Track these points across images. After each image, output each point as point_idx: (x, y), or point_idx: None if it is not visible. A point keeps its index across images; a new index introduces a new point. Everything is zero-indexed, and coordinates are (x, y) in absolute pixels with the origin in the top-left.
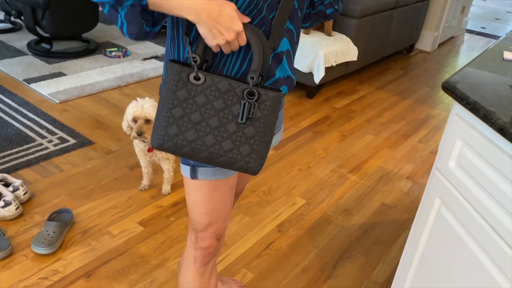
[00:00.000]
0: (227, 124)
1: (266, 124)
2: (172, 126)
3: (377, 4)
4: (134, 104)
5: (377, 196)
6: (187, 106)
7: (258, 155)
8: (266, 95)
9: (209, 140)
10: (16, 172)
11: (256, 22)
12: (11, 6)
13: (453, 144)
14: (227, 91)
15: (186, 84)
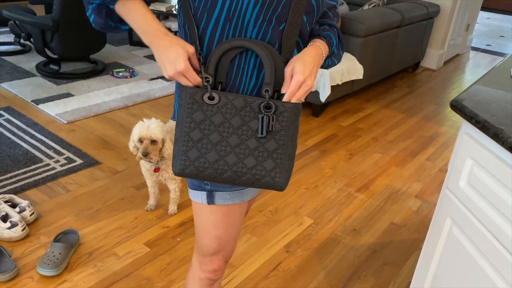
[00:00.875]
0: (247, 140)
1: (287, 136)
2: (192, 150)
3: (381, 23)
4: (140, 125)
5: (386, 215)
6: (205, 127)
7: (283, 169)
8: (283, 106)
9: (231, 159)
10: (23, 193)
11: (270, 35)
12: (21, 29)
13: (463, 163)
14: (243, 107)
15: (201, 105)
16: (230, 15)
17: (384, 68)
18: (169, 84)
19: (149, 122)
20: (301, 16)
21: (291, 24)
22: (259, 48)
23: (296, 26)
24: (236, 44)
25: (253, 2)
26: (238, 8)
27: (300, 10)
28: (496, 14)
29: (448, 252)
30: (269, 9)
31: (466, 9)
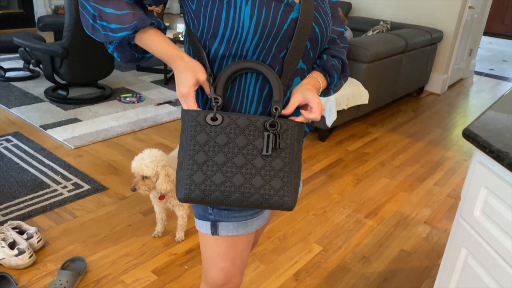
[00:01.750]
0: (253, 159)
1: (292, 154)
2: (197, 173)
3: (386, 49)
4: (138, 158)
5: (395, 242)
6: (209, 149)
7: (291, 187)
8: (286, 124)
9: (238, 180)
10: (31, 219)
11: (269, 62)
12: (31, 56)
13: (477, 193)
14: (247, 126)
15: (205, 127)
16: (230, 44)
17: (389, 92)
18: (175, 109)
19: (146, 156)
20: (304, 42)
21: (294, 49)
22: (266, 69)
23: (298, 51)
24: (244, 65)
25: (252, 31)
26: (237, 38)
27: (304, 36)
28: (498, 39)
29: (464, 283)
30: (268, 38)
31: (469, 34)
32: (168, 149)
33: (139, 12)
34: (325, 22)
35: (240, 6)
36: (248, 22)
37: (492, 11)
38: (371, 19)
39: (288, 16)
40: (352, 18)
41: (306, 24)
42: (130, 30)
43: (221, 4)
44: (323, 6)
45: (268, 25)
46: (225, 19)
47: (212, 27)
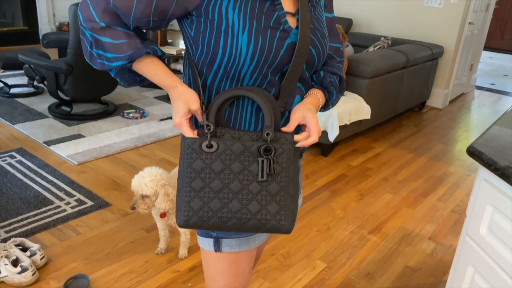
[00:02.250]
0: (249, 185)
1: (288, 177)
2: (194, 200)
3: (387, 64)
4: (138, 176)
5: (400, 259)
6: (205, 175)
7: (287, 211)
8: (281, 148)
9: (234, 206)
10: (34, 236)
11: (265, 86)
12: (35, 72)
13: (483, 210)
14: (242, 152)
15: (200, 154)
16: (227, 69)
17: (391, 108)
18: None
19: (145, 175)
20: (301, 66)
21: (291, 73)
22: (256, 96)
23: (296, 75)
24: (235, 93)
25: (250, 58)
26: (235, 64)
27: (301, 60)
28: (498, 53)
29: None
30: (265, 64)
31: (469, 49)
32: (171, 164)
33: (135, 41)
34: (322, 45)
35: (238, 35)
36: (246, 50)
37: (492, 26)
38: (372, 35)
39: (284, 42)
40: (353, 34)
41: (304, 48)
42: (125, 60)
43: (218, 32)
44: (320, 28)
45: (265, 52)
46: (223, 47)
47: (210, 54)
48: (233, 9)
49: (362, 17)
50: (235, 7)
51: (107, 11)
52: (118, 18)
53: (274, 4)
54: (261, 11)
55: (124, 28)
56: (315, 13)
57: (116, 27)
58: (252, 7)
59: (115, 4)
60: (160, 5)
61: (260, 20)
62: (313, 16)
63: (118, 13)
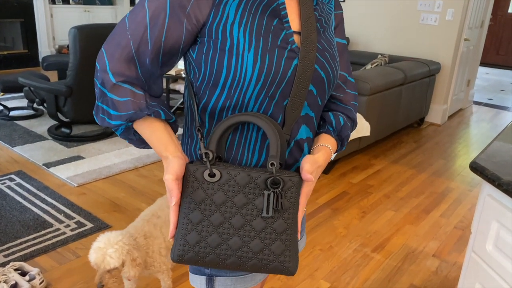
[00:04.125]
0: (253, 221)
1: (296, 213)
2: (191, 233)
3: (385, 81)
4: (96, 248)
5: (404, 277)
6: (205, 207)
7: (293, 251)
8: (291, 181)
9: (235, 243)
10: (33, 259)
11: (272, 111)
12: (35, 95)
13: (488, 226)
14: (247, 183)
15: (202, 183)
16: (231, 92)
17: (390, 124)
18: None
19: (106, 245)
20: (306, 89)
21: (295, 96)
22: (263, 122)
23: (300, 98)
24: (240, 119)
25: (255, 79)
26: (239, 86)
27: (305, 82)
28: (494, 69)
29: None
30: (272, 86)
31: (466, 65)
32: None
33: (140, 101)
34: (331, 66)
35: (243, 54)
36: (251, 70)
37: (487, 42)
38: (369, 53)
39: (292, 63)
40: (350, 52)
41: (307, 69)
42: (124, 119)
43: (222, 52)
44: (330, 50)
45: (272, 72)
46: (227, 67)
47: (214, 75)
48: (239, 27)
49: (359, 35)
50: (240, 24)
51: (122, 59)
52: (131, 69)
53: (282, 22)
54: (268, 30)
55: (133, 85)
56: (325, 35)
57: (125, 85)
58: (258, 25)
59: (134, 46)
60: (171, 36)
61: (267, 39)
62: (322, 37)
63: (135, 58)
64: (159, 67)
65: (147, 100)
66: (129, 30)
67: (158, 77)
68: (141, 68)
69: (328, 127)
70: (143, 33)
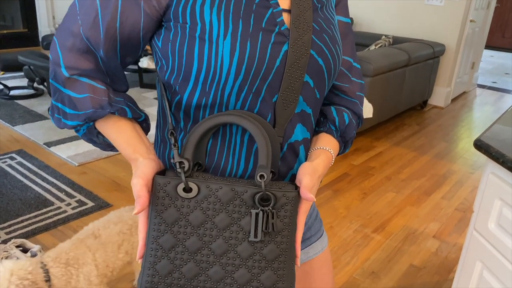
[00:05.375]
0: (238, 246)
1: (291, 237)
2: (162, 261)
3: (389, 63)
4: None
5: (404, 257)
6: (179, 230)
7: (287, 283)
8: (285, 197)
9: (216, 273)
10: (34, 237)
11: (258, 109)
12: (35, 74)
13: (491, 204)
14: (230, 200)
15: (175, 200)
16: (206, 88)
17: (392, 106)
18: None
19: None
20: (300, 80)
21: (287, 90)
22: (249, 123)
23: (293, 92)
24: (220, 121)
25: (234, 71)
26: (215, 81)
27: (299, 73)
28: (499, 52)
29: None
30: (255, 79)
31: (471, 47)
32: None
33: (101, 98)
34: (332, 51)
35: (217, 41)
36: (229, 60)
37: (493, 25)
38: (373, 34)
39: (281, 49)
40: (354, 32)
41: (301, 56)
42: (81, 120)
43: (192, 39)
44: (330, 31)
45: (255, 63)
46: (198, 58)
47: (184, 67)
48: (211, 8)
49: (363, 16)
50: (213, 4)
51: (75, 49)
52: (88, 60)
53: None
54: (249, 9)
55: (92, 79)
56: (323, 12)
57: (82, 78)
58: (236, 3)
59: (84, 33)
60: (126, 20)
61: (248, 20)
62: (319, 16)
63: (91, 47)
64: (117, 59)
65: (110, 96)
66: (80, 15)
67: (120, 70)
68: (100, 58)
69: (330, 125)
70: (94, 17)
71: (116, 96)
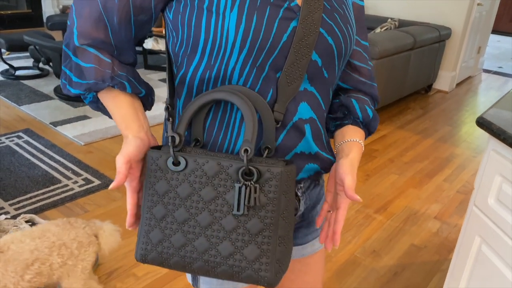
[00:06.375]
0: (222, 219)
1: (276, 211)
2: (154, 230)
3: (394, 45)
4: None
5: (405, 237)
6: (169, 201)
7: (271, 258)
8: (269, 172)
9: (201, 244)
10: (43, 213)
11: (260, 85)
12: (41, 54)
13: (491, 180)
14: (216, 173)
15: (165, 173)
16: (211, 61)
17: (397, 89)
18: None
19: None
20: (307, 58)
21: (293, 66)
22: (238, 99)
23: (298, 69)
24: (213, 97)
25: (239, 44)
26: (220, 53)
27: (305, 50)
28: (507, 37)
29: (478, 271)
30: (260, 54)
31: (477, 31)
32: None
33: (104, 70)
34: (343, 31)
35: (224, 12)
36: (234, 33)
37: (501, 9)
38: (379, 17)
39: (289, 25)
40: None
41: (309, 33)
42: (83, 89)
43: (200, 10)
44: (342, 10)
45: (260, 36)
46: (205, 29)
47: (192, 39)
48: None
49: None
50: None
51: (91, 17)
52: (100, 30)
53: None
54: None
55: (99, 50)
56: None
57: (90, 48)
58: None
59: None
60: None
61: None
62: None
63: (104, 16)
64: (131, 30)
65: (114, 69)
66: None
67: (130, 42)
68: (111, 29)
69: (354, 119)
70: None
71: (120, 70)
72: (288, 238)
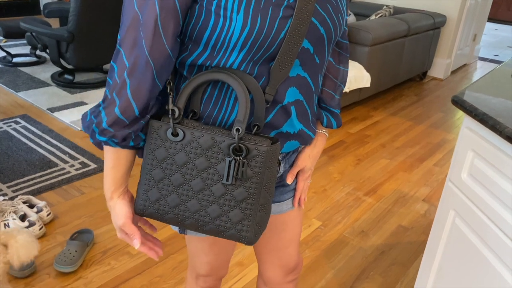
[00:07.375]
0: (213, 186)
1: (260, 183)
2: (152, 190)
3: (388, 32)
4: None
5: (393, 218)
6: (167, 166)
7: (252, 221)
8: (256, 150)
9: (193, 206)
10: (40, 195)
11: (256, 73)
12: (37, 40)
13: (464, 156)
14: (210, 147)
15: (165, 142)
16: (214, 53)
17: (391, 76)
18: None
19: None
20: (298, 46)
21: (284, 54)
22: (234, 81)
23: (289, 56)
24: (211, 77)
25: (241, 43)
26: (223, 48)
27: (297, 39)
28: (504, 25)
29: (452, 244)
30: (259, 50)
31: (473, 19)
32: None
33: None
34: (334, 21)
35: (231, 16)
36: (238, 34)
37: None
38: (373, 4)
39: (286, 23)
40: (355, 3)
41: (302, 24)
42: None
43: (208, 12)
44: (334, 1)
45: (262, 37)
46: (212, 28)
47: (197, 31)
48: None
49: None
50: None
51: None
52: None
53: None
54: None
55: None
56: None
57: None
58: None
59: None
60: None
61: None
62: None
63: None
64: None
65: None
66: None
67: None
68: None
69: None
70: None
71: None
72: (268, 205)
